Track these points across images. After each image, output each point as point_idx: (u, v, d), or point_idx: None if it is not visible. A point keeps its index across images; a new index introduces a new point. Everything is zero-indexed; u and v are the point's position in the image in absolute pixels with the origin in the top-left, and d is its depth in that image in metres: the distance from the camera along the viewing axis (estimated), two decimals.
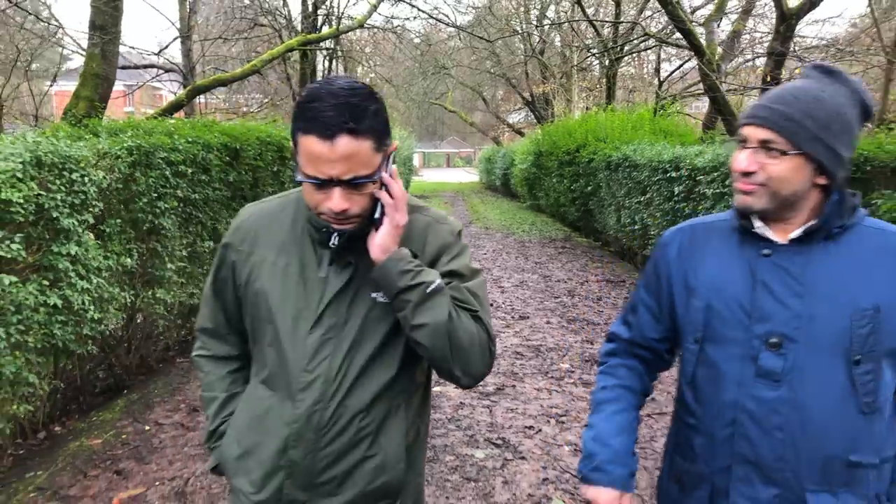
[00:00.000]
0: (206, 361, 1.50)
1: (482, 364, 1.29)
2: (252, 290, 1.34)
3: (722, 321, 1.27)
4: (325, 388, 1.26)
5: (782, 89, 1.24)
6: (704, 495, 1.30)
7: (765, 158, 1.21)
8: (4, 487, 3.11)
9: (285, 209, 1.38)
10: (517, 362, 4.87)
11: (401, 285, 1.21)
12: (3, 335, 2.90)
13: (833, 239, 1.23)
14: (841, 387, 1.18)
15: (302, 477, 1.28)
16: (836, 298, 1.19)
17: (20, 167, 3.03)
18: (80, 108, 6.84)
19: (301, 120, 1.17)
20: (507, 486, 3.07)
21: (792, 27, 8.64)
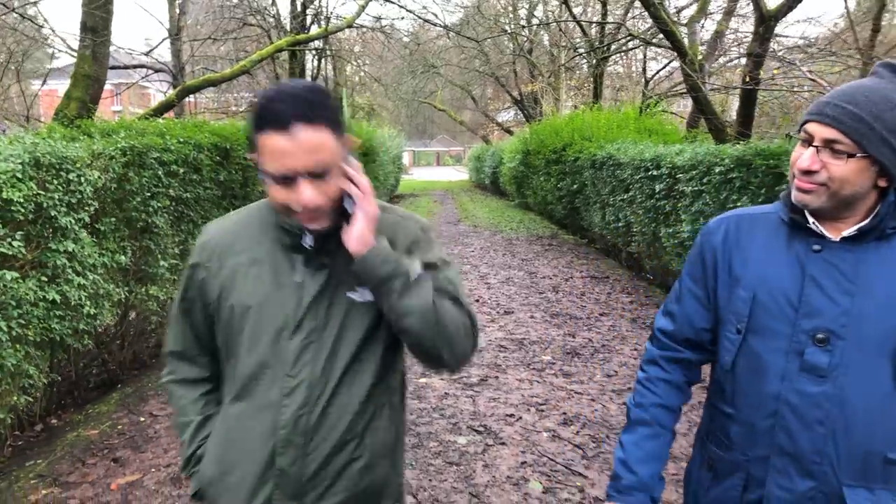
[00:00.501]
0: (176, 386, 1.46)
1: (468, 347, 1.31)
2: (226, 305, 1.32)
3: (768, 313, 1.27)
4: (310, 392, 1.26)
5: (852, 87, 1.21)
6: (738, 483, 1.32)
7: (829, 158, 1.18)
8: (5, 475, 3.24)
9: (250, 220, 1.37)
10: (500, 355, 5.04)
11: (383, 274, 1.21)
12: (5, 328, 3.02)
13: (886, 239, 1.22)
14: (886, 385, 1.19)
15: (292, 485, 1.27)
16: (887, 298, 1.20)
17: (20, 168, 3.15)
18: (71, 109, 6.93)
19: (258, 120, 1.17)
20: (487, 470, 3.24)
21: (770, 28, 8.84)
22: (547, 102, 23.50)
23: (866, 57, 8.13)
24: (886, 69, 1.22)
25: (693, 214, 6.19)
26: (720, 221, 1.42)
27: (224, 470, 1.32)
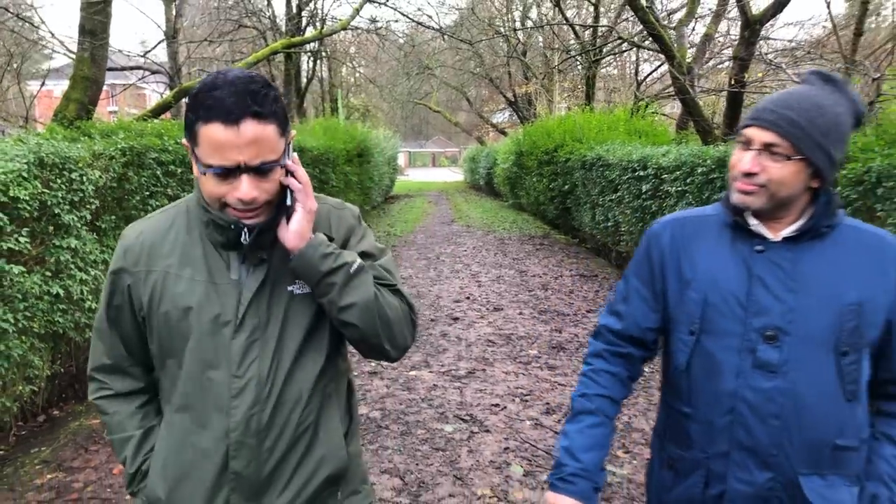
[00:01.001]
0: (108, 402, 1.36)
1: (408, 334, 1.31)
2: (159, 311, 1.26)
3: (719, 314, 1.32)
4: (259, 390, 1.22)
5: (787, 94, 1.27)
6: (700, 481, 1.35)
7: (768, 161, 1.24)
8: (11, 461, 3.39)
9: (175, 220, 1.31)
10: (488, 349, 5.21)
11: (324, 269, 1.19)
12: (12, 320, 3.18)
13: (820, 238, 1.29)
14: (830, 376, 1.25)
15: (248, 487, 1.24)
16: (825, 294, 1.26)
17: (25, 167, 3.31)
18: (70, 110, 7.06)
19: (201, 109, 1.12)
20: (472, 454, 3.40)
21: (756, 33, 9.03)
22: (541, 104, 23.71)
23: (849, 61, 8.32)
24: (817, 77, 1.30)
25: None
26: (665, 224, 1.46)
27: (174, 483, 1.26)
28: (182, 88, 9.62)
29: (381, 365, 4.80)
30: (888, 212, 3.37)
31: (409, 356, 5.05)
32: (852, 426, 1.28)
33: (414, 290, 7.50)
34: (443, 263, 9.36)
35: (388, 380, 4.53)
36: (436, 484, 3.11)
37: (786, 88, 1.34)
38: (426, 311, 6.46)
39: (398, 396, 4.21)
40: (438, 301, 6.94)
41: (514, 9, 24.26)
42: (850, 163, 3.71)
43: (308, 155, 9.49)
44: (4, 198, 3.11)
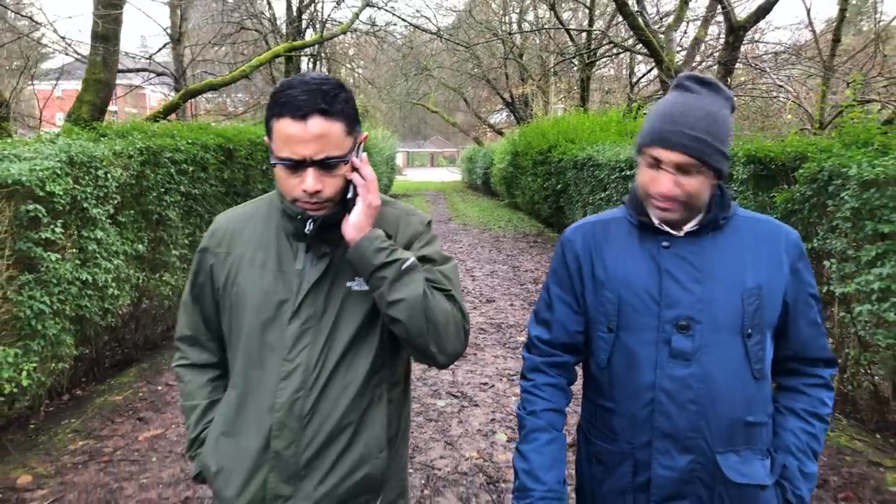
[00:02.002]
0: (186, 371, 1.49)
1: (458, 342, 1.31)
2: (231, 290, 1.36)
3: (634, 310, 1.37)
4: (306, 377, 1.28)
5: (682, 108, 1.31)
6: (628, 471, 1.39)
7: (681, 178, 1.30)
8: (45, 431, 3.75)
9: (259, 210, 1.42)
10: (480, 336, 5.58)
11: (376, 262, 1.24)
12: (48, 302, 3.53)
13: (720, 229, 1.37)
14: (739, 358, 1.32)
15: (287, 468, 1.29)
16: (729, 281, 1.33)
17: (59, 165, 3.66)
18: (84, 112, 7.42)
19: (275, 106, 1.22)
20: (461, 425, 3.77)
21: (740, 38, 9.41)
22: (537, 105, 24.07)
23: (827, 65, 8.72)
24: (694, 82, 1.35)
25: None
26: (576, 230, 1.51)
27: (222, 453, 1.35)
28: (188, 90, 9.98)
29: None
30: (837, 206, 3.74)
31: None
32: (760, 403, 1.36)
33: None
34: None
35: None
36: (429, 448, 3.48)
37: (666, 97, 1.38)
38: None
39: None
40: None
41: (511, 11, 24.61)
42: (807, 162, 4.08)
43: None
44: (42, 192, 3.47)
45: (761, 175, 4.83)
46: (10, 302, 3.36)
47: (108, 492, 3.05)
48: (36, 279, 3.50)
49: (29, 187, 3.37)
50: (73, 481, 3.16)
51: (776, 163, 4.77)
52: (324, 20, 17.44)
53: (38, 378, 3.59)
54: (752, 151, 4.88)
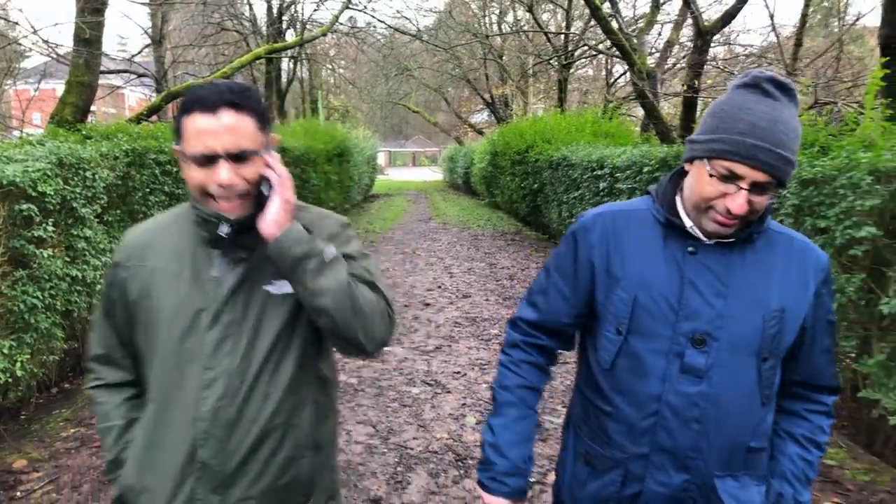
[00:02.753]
0: (100, 392, 1.43)
1: (384, 329, 1.31)
2: (145, 303, 1.32)
3: (649, 315, 1.28)
4: (229, 383, 1.26)
5: (765, 121, 1.16)
6: (617, 479, 1.33)
7: (754, 197, 1.18)
8: (38, 420, 3.93)
9: (170, 221, 1.38)
10: (455, 329, 5.83)
11: (298, 254, 1.21)
12: (41, 297, 3.72)
13: (750, 243, 1.27)
14: (751, 382, 1.25)
15: (214, 478, 1.26)
16: (752, 299, 1.24)
17: (49, 167, 3.84)
18: (66, 113, 7.55)
19: (185, 105, 1.21)
20: (434, 409, 4.02)
21: (707, 42, 9.76)
22: (517, 105, 24.40)
23: (790, 67, 9.08)
24: (775, 87, 1.19)
25: None
26: (595, 218, 1.39)
27: (145, 470, 1.31)
28: (170, 92, 10.12)
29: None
30: (781, 203, 4.03)
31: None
32: (763, 428, 1.30)
33: (390, 280, 8.10)
34: (418, 257, 9.96)
35: None
36: (402, 430, 3.72)
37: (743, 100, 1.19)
38: (400, 299, 7.07)
39: (373, 367, 4.82)
40: (412, 290, 7.55)
41: (491, 13, 24.90)
42: None
43: (289, 155, 10.03)
44: (34, 192, 3.65)
45: None
46: (5, 296, 3.54)
47: (101, 473, 3.25)
48: (29, 275, 3.68)
49: (22, 188, 3.55)
50: (66, 464, 3.35)
51: None
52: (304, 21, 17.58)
53: (31, 369, 3.77)
54: None
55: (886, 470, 3.29)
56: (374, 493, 3.03)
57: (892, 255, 3.38)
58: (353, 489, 3.07)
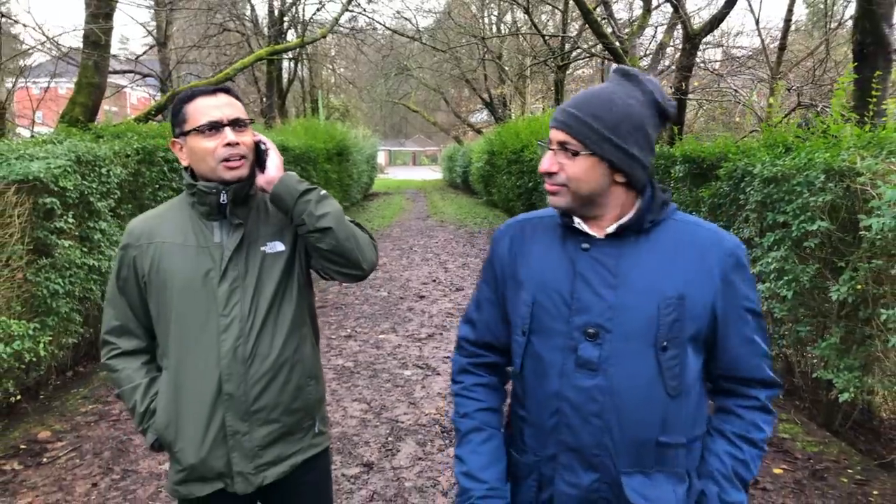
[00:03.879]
0: (118, 360, 1.61)
1: (373, 253, 1.60)
2: (159, 271, 1.53)
3: (547, 314, 1.29)
4: (242, 326, 1.50)
5: (582, 93, 1.27)
6: (533, 485, 1.33)
7: (563, 159, 1.24)
8: (57, 398, 4.25)
9: (172, 207, 1.61)
10: (447, 319, 6.15)
11: (301, 188, 1.50)
12: (62, 284, 4.04)
13: (645, 233, 1.27)
14: (650, 372, 1.23)
15: (239, 407, 1.50)
16: (645, 288, 1.24)
17: (69, 164, 4.16)
18: (76, 113, 7.86)
19: (184, 100, 1.51)
20: (424, 389, 4.34)
21: (696, 45, 10.07)
22: (515, 105, 24.69)
23: (774, 72, 9.38)
24: (617, 74, 1.28)
25: None
26: (507, 228, 1.45)
27: (178, 410, 1.53)
28: (174, 92, 10.44)
29: (354, 330, 5.72)
30: (746, 199, 4.35)
31: (379, 323, 5.98)
32: (677, 423, 1.26)
33: (387, 274, 8.42)
34: (415, 253, 10.28)
35: (360, 341, 5.45)
36: (394, 407, 4.04)
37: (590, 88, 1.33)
38: (396, 291, 7.39)
39: (368, 352, 5.14)
40: (408, 283, 7.87)
41: (490, 14, 25.19)
42: (726, 162, 4.71)
43: (290, 154, 10.33)
44: (56, 187, 3.97)
45: (696, 173, 5.45)
46: (30, 283, 3.86)
47: (119, 442, 3.58)
48: (51, 263, 4.00)
49: (45, 183, 3.87)
50: (87, 435, 3.68)
51: (706, 162, 5.40)
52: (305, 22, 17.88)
53: (52, 351, 4.09)
54: (686, 152, 5.51)
55: (835, 443, 3.61)
56: (366, 459, 3.36)
57: (844, 247, 3.69)
58: (348, 455, 3.39)
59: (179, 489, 1.60)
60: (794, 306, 3.92)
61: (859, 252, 3.47)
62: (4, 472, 3.27)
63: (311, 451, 1.65)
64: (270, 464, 1.57)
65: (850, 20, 6.50)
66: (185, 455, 1.54)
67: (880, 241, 3.28)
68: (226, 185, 1.50)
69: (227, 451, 1.53)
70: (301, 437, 1.63)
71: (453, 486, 3.10)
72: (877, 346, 3.40)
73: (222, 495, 1.59)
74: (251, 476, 1.55)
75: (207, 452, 1.53)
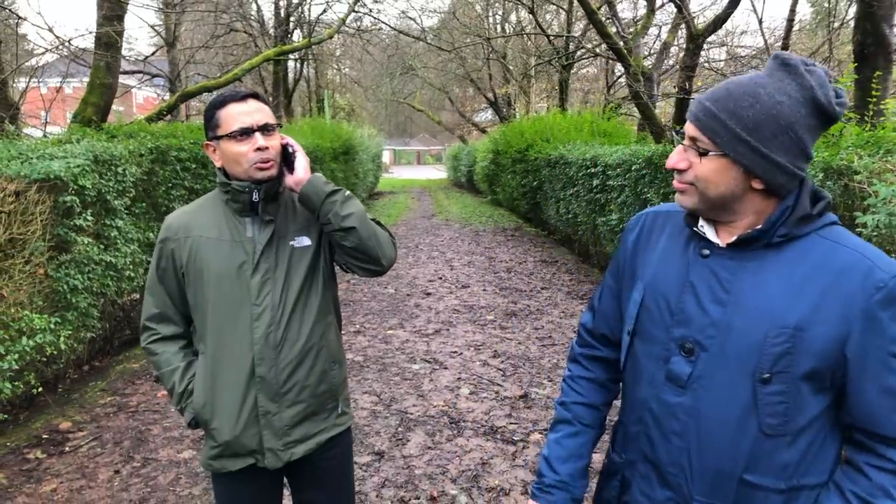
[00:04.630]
0: (158, 344, 1.74)
1: (392, 250, 1.72)
2: (196, 263, 1.64)
3: (650, 318, 1.24)
4: (273, 315, 1.61)
5: (725, 82, 1.14)
6: (617, 485, 1.33)
7: (693, 157, 1.14)
8: (76, 390, 4.38)
9: (204, 204, 1.72)
10: (453, 315, 6.26)
11: (328, 189, 1.62)
12: (81, 279, 4.16)
13: (774, 248, 1.13)
14: (744, 403, 1.12)
15: (270, 389, 1.63)
16: (759, 311, 1.11)
17: (87, 163, 4.28)
18: (88, 113, 8.00)
19: (217, 103, 1.60)
20: (432, 382, 4.45)
21: (700, 45, 10.15)
22: (520, 104, 24.77)
23: None
24: (774, 61, 1.12)
25: (619, 205, 7.45)
26: (639, 218, 1.37)
27: (214, 391, 1.65)
28: (184, 92, 10.57)
29: (363, 325, 5.84)
30: None
31: (387, 319, 6.10)
32: (772, 465, 1.12)
33: (394, 272, 8.53)
34: (421, 251, 10.39)
35: (369, 336, 5.57)
36: (403, 399, 4.15)
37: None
38: (403, 289, 7.50)
39: (377, 347, 5.25)
40: (415, 280, 7.98)
41: (494, 14, 25.27)
42: None
43: None
44: (75, 186, 4.09)
45: None
46: (51, 278, 3.98)
47: (138, 432, 3.70)
48: (71, 259, 4.13)
49: (66, 181, 3.99)
50: (107, 425, 3.80)
51: None
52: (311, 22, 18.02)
53: (71, 345, 4.21)
54: None
55: None
56: (377, 448, 3.47)
57: None
58: (360, 445, 3.50)
59: (213, 463, 1.72)
60: None
61: None
62: (28, 460, 3.39)
63: (335, 431, 1.78)
64: (298, 441, 1.69)
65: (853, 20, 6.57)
66: (221, 433, 1.66)
67: (876, 237, 3.37)
68: (257, 185, 1.61)
69: (259, 430, 1.66)
70: (325, 417, 1.75)
71: (462, 474, 3.21)
72: None
73: (252, 470, 1.71)
74: (280, 452, 1.67)
75: (241, 430, 1.65)
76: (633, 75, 11.08)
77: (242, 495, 1.74)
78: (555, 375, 4.59)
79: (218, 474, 1.74)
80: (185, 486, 3.11)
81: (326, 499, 1.82)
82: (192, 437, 3.63)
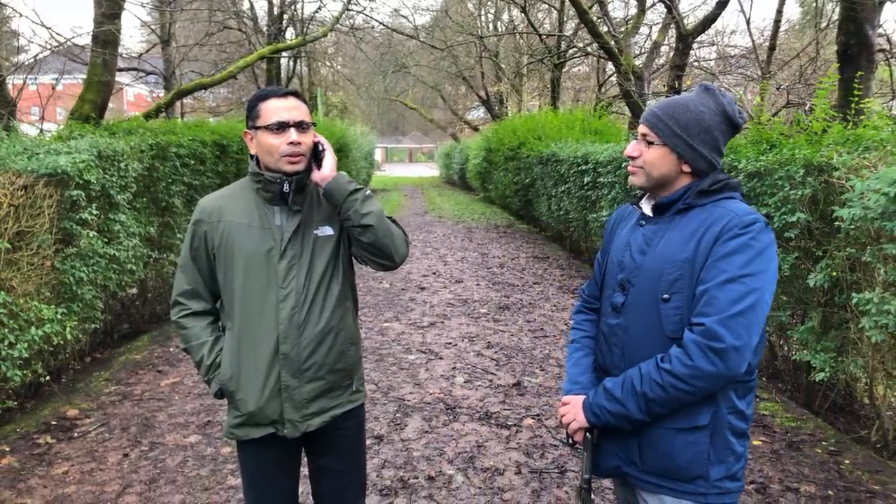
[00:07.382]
0: (188, 319, 1.87)
1: (405, 247, 1.87)
2: (228, 246, 1.77)
3: (609, 272, 1.72)
4: (297, 297, 1.75)
5: (667, 98, 1.62)
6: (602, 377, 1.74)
7: (643, 147, 1.60)
8: (81, 380, 4.48)
9: (238, 189, 1.85)
10: (448, 309, 6.40)
11: (351, 188, 1.75)
12: (86, 272, 4.27)
13: (682, 213, 1.57)
14: (654, 318, 1.56)
15: (292, 366, 1.75)
16: (662, 255, 1.55)
17: (92, 158, 4.39)
18: (85, 110, 8.06)
19: (261, 96, 1.75)
20: (428, 372, 4.59)
21: (689, 44, 10.34)
22: (512, 102, 24.90)
23: (764, 71, 9.66)
24: (699, 87, 1.64)
25: (609, 202, 7.61)
26: (617, 212, 1.86)
27: (240, 365, 1.78)
28: (180, 90, 10.64)
29: (359, 318, 5.97)
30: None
31: (383, 313, 6.23)
32: None
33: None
34: (414, 248, 10.51)
35: (365, 329, 5.70)
36: (400, 387, 4.29)
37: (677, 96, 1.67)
38: (398, 283, 7.63)
39: (374, 339, 5.38)
40: (409, 276, 8.11)
41: (486, 12, 25.37)
42: None
43: None
44: (81, 180, 4.20)
45: None
46: (57, 270, 4.09)
47: (144, 419, 3.82)
48: (76, 252, 4.23)
49: (72, 176, 4.10)
50: (113, 413, 3.92)
51: None
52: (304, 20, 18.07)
53: (77, 335, 4.32)
54: None
55: (812, 420, 3.87)
56: (377, 432, 3.61)
57: (822, 237, 3.95)
58: None
59: (236, 432, 1.85)
60: (776, 294, 4.17)
61: (835, 241, 3.73)
62: (39, 444, 3.50)
63: (349, 406, 1.92)
64: (315, 414, 1.84)
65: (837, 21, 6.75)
66: (246, 404, 1.80)
67: (853, 230, 3.54)
68: (287, 177, 1.75)
69: (281, 402, 1.80)
70: (341, 393, 1.89)
71: (458, 455, 3.35)
72: (851, 328, 3.66)
73: (272, 438, 1.85)
74: (299, 423, 1.82)
75: (265, 402, 1.79)
76: (624, 74, 11.26)
77: (265, 460, 1.89)
78: (547, 365, 4.74)
79: (242, 442, 1.88)
80: (193, 468, 3.23)
81: (341, 465, 1.96)
82: (197, 423, 3.75)
